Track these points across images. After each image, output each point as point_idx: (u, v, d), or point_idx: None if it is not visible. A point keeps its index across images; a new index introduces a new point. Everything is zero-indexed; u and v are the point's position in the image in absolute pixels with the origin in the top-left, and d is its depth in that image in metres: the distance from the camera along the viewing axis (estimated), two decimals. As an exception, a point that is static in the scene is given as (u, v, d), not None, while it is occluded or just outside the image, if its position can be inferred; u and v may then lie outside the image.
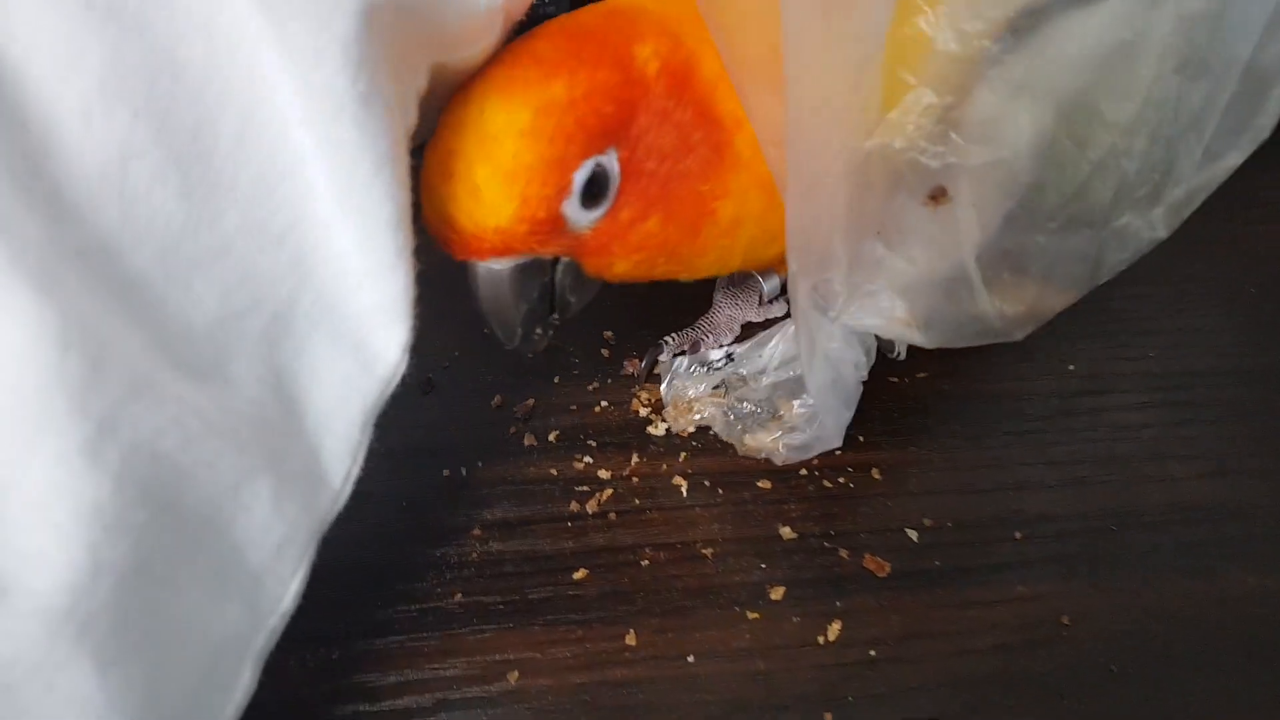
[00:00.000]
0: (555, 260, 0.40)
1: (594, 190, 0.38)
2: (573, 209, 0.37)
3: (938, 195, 0.38)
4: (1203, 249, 0.57)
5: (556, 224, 0.37)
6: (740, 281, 0.53)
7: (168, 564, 0.30)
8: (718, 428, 0.47)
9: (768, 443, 0.46)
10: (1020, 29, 0.36)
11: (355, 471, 0.36)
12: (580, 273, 0.41)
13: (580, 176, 0.37)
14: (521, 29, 0.40)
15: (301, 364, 0.34)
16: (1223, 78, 0.39)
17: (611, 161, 0.38)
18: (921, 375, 0.51)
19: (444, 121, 0.37)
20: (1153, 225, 0.42)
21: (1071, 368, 0.51)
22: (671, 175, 0.39)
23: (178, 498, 0.30)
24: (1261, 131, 0.42)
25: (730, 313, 0.52)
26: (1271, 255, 0.57)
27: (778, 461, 0.46)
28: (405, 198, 0.34)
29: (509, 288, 0.39)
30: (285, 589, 0.34)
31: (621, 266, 0.41)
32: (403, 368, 0.36)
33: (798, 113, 0.36)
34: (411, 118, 0.36)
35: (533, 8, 0.57)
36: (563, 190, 0.36)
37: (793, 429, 0.45)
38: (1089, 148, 0.38)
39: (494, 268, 0.38)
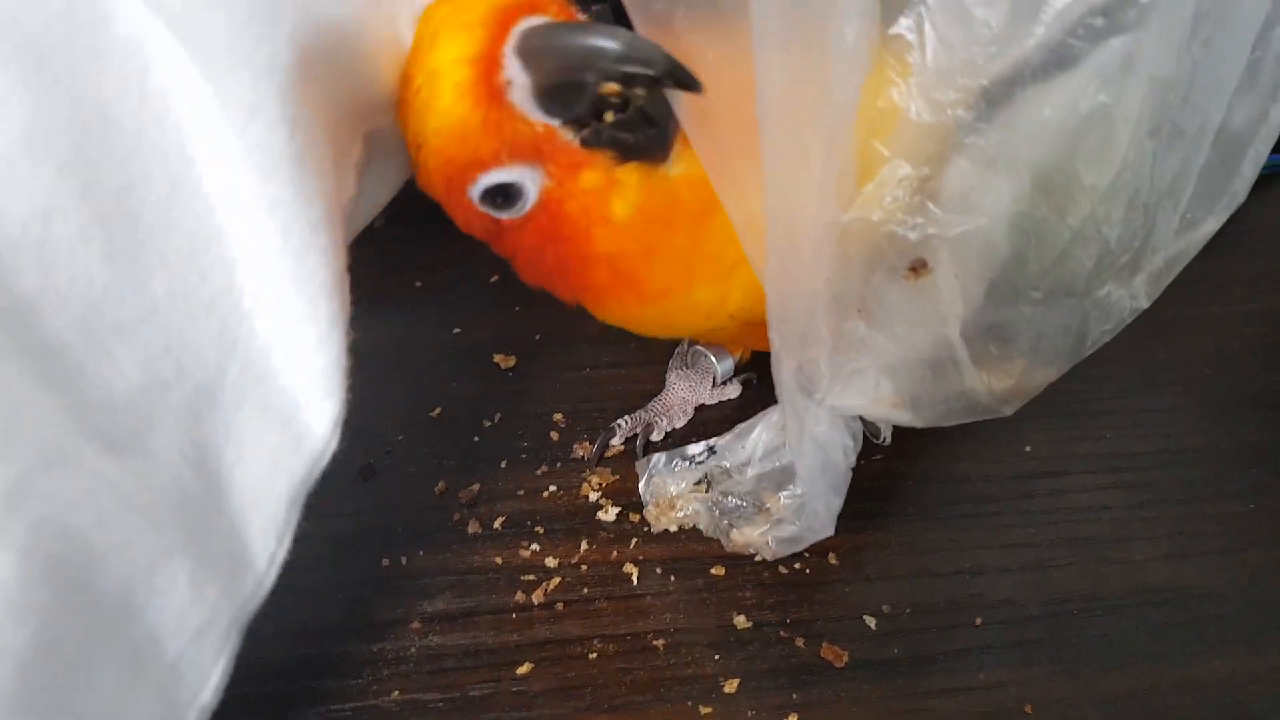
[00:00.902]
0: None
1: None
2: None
3: (918, 267, 0.38)
4: (1159, 331, 0.57)
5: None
6: (693, 363, 0.52)
7: (76, 650, 0.28)
8: (702, 524, 0.46)
9: (755, 537, 0.44)
10: (993, 98, 0.36)
11: (281, 554, 0.34)
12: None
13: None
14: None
15: (227, 438, 0.32)
16: (1196, 143, 0.39)
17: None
18: (878, 458, 0.50)
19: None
20: (1134, 295, 0.42)
21: (1029, 449, 0.50)
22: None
23: (88, 578, 0.28)
24: (1236, 197, 0.42)
25: (683, 394, 0.51)
26: (1226, 335, 0.57)
27: (767, 556, 0.44)
28: (340, 266, 0.33)
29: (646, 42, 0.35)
30: (204, 681, 0.32)
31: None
32: (334, 444, 0.34)
33: (774, 184, 0.35)
34: (349, 187, 0.36)
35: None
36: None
37: (780, 521, 0.44)
38: (1068, 214, 0.38)
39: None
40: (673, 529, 0.46)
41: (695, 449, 0.46)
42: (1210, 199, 0.40)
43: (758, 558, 0.45)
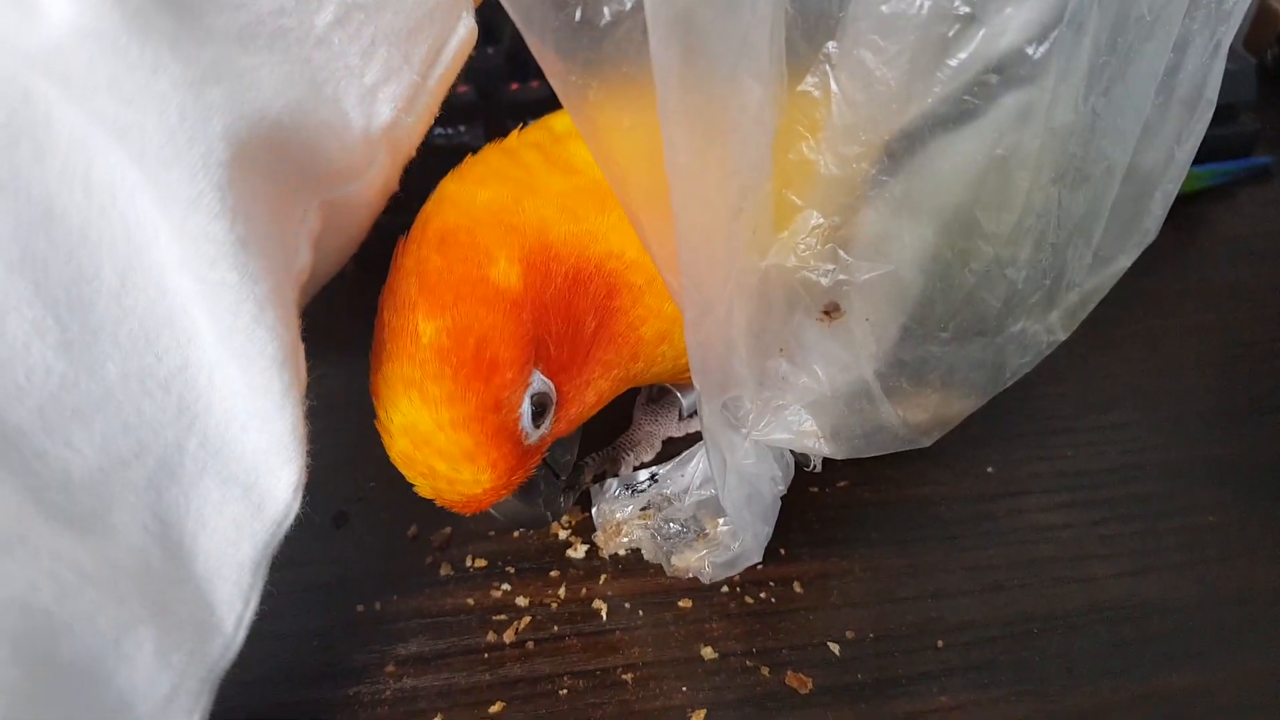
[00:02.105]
0: None
1: (540, 410, 0.39)
2: (532, 436, 0.39)
3: (831, 311, 0.39)
4: (1112, 346, 0.58)
5: (526, 455, 0.39)
6: (659, 398, 0.53)
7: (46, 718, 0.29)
8: (645, 550, 0.47)
9: (694, 561, 0.45)
10: (896, 152, 0.37)
11: (249, 615, 0.35)
12: (560, 441, 0.43)
13: (525, 417, 0.38)
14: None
15: (189, 509, 0.34)
16: (1104, 184, 0.41)
17: (539, 382, 0.39)
18: (841, 484, 0.51)
19: (380, 419, 0.39)
20: (1050, 329, 0.43)
21: (990, 470, 0.51)
22: (588, 343, 0.40)
23: (53, 652, 0.29)
24: (1147, 235, 0.43)
25: (650, 429, 0.52)
26: (1183, 349, 0.58)
27: (705, 580, 0.45)
28: (291, 337, 0.34)
29: (517, 503, 0.41)
30: (178, 741, 0.33)
31: (586, 415, 0.43)
32: (295, 508, 0.35)
33: (686, 241, 0.36)
34: (304, 257, 0.37)
35: (442, 136, 0.59)
36: (516, 437, 0.38)
37: (718, 545, 0.45)
38: (972, 259, 0.39)
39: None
40: (621, 553, 0.47)
41: (639, 476, 0.47)
42: (1122, 236, 0.41)
43: (723, 588, 0.46)
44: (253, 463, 0.35)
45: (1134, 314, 0.60)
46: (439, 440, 0.37)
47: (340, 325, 0.57)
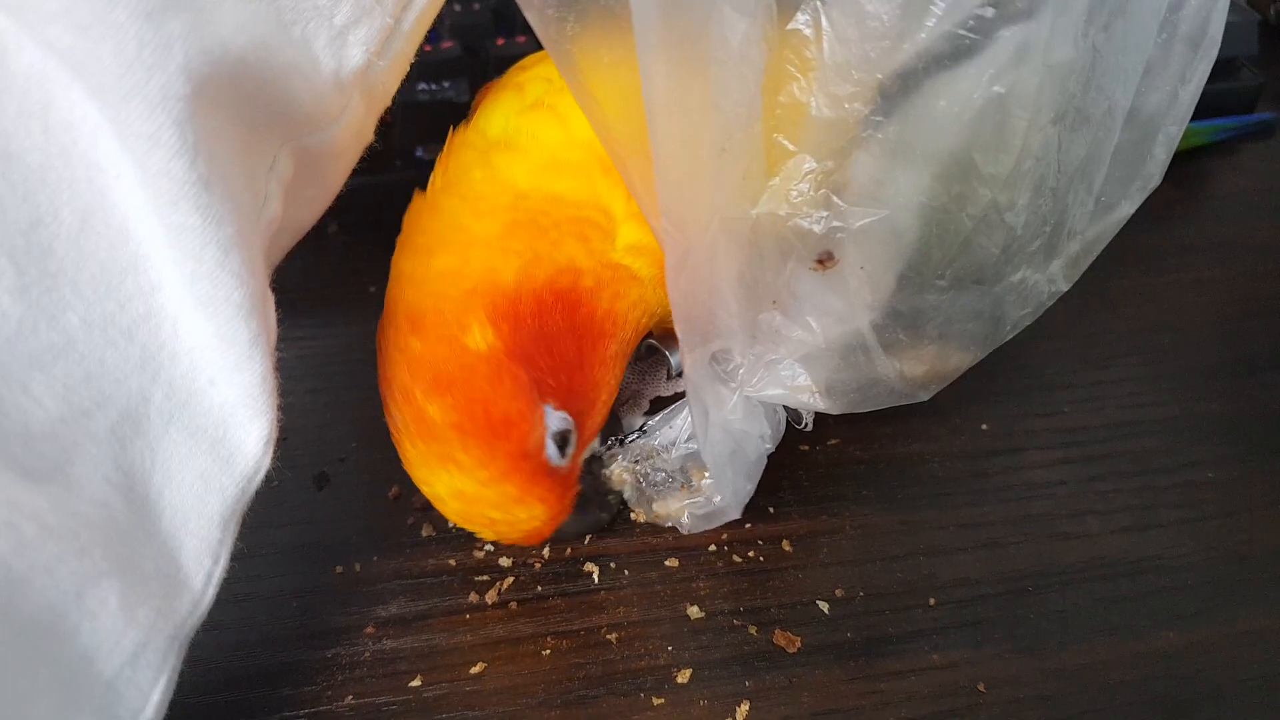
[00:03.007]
0: None
1: (563, 441, 0.40)
2: (563, 461, 0.40)
3: (825, 259, 0.38)
4: (1111, 302, 0.57)
5: (567, 480, 0.41)
6: (647, 356, 0.52)
7: (5, 675, 0.28)
8: (628, 495, 0.46)
9: (674, 509, 0.45)
10: (891, 92, 0.36)
11: (219, 572, 0.34)
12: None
13: (553, 455, 0.40)
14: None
15: (155, 462, 0.33)
16: (1105, 127, 0.39)
17: (556, 420, 0.39)
18: (832, 442, 0.50)
19: (427, 492, 0.40)
20: (1052, 279, 0.42)
21: (984, 427, 0.50)
22: (580, 359, 0.40)
23: (11, 605, 0.28)
24: (1150, 179, 0.42)
25: (637, 388, 0.51)
26: (1184, 305, 0.57)
27: (683, 530, 0.45)
28: (259, 285, 0.33)
29: (573, 517, 0.42)
30: (145, 699, 0.32)
31: (609, 406, 0.43)
32: (266, 463, 0.34)
33: (666, 180, 0.35)
34: (273, 206, 0.36)
35: (427, 91, 0.58)
36: (552, 471, 0.40)
37: (700, 497, 0.44)
38: (969, 204, 0.38)
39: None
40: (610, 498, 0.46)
41: (627, 430, 0.47)
42: (1125, 181, 0.40)
43: (710, 548, 0.45)
44: (221, 416, 0.33)
45: (1134, 270, 0.59)
46: (487, 496, 0.39)
47: (323, 288, 0.57)
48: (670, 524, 0.45)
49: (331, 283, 0.56)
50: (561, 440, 0.40)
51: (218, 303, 0.32)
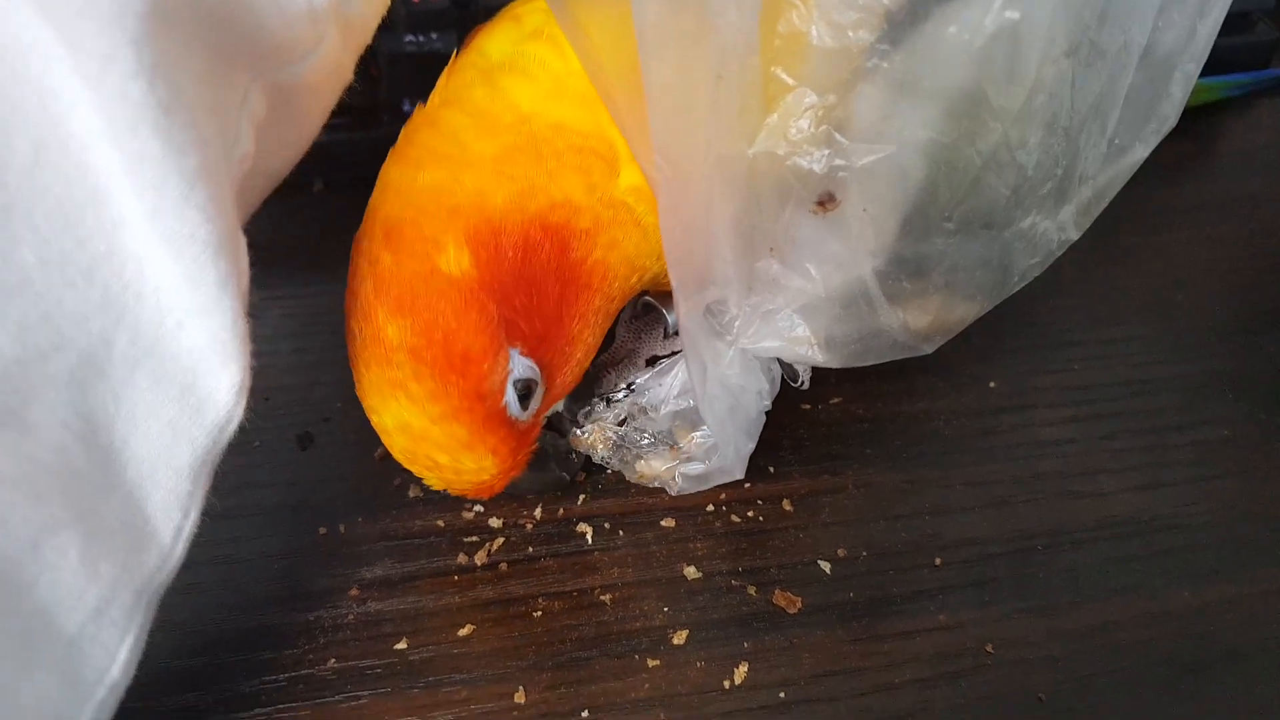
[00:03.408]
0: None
1: (526, 392, 0.37)
2: (524, 416, 0.38)
3: (825, 201, 0.36)
4: (1123, 258, 0.55)
5: (524, 434, 0.38)
6: (643, 314, 0.51)
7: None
8: (603, 456, 0.44)
9: (661, 471, 0.43)
10: (897, 19, 0.34)
11: (189, 527, 0.32)
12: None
13: (513, 404, 0.37)
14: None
15: (119, 410, 0.31)
16: (1120, 64, 0.38)
17: (521, 366, 0.37)
18: (835, 400, 0.48)
19: (375, 422, 0.38)
20: (1062, 227, 0.40)
21: (992, 384, 0.49)
22: (558, 305, 0.38)
23: (-42, 554, 0.27)
24: (1165, 121, 0.40)
25: (633, 346, 0.50)
26: (1195, 261, 0.55)
27: (672, 492, 0.43)
28: (227, 223, 0.31)
29: (531, 475, 0.40)
30: (111, 658, 0.31)
31: (584, 366, 0.41)
32: (239, 413, 0.33)
33: (659, 112, 0.34)
34: (245, 143, 0.34)
35: (414, 43, 0.56)
36: (508, 422, 0.37)
37: (690, 459, 0.42)
38: (979, 140, 0.36)
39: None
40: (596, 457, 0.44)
41: (613, 387, 0.45)
42: (1139, 122, 0.38)
43: (709, 507, 0.44)
44: (190, 362, 0.32)
45: (1145, 226, 0.57)
46: (434, 435, 0.36)
47: (308, 246, 0.55)
48: (657, 485, 0.43)
49: (317, 241, 0.55)
50: (524, 390, 0.37)
51: (183, 239, 0.30)
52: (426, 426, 0.36)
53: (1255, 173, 0.62)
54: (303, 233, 0.54)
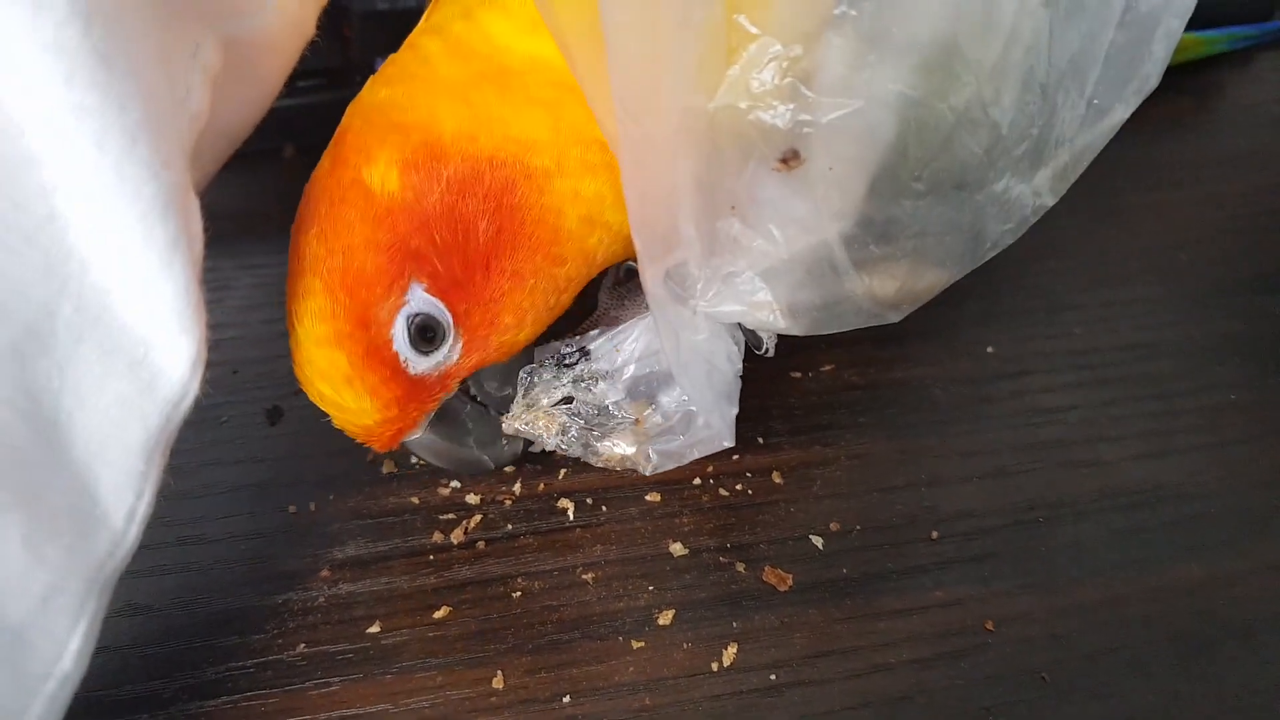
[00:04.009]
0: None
1: (426, 333, 0.35)
2: (418, 364, 0.35)
3: (789, 158, 0.34)
4: (1122, 218, 0.53)
5: (417, 385, 0.36)
6: (626, 279, 0.49)
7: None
8: (562, 437, 0.40)
9: (630, 452, 0.41)
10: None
11: (143, 509, 0.30)
12: (492, 371, 0.39)
13: (400, 340, 0.35)
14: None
15: (64, 383, 0.29)
16: (1100, 19, 0.36)
17: (420, 300, 0.34)
18: (826, 368, 0.46)
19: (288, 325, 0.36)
20: (1038, 192, 0.38)
21: (990, 350, 0.47)
22: (485, 251, 0.35)
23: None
24: (1147, 81, 0.38)
25: (616, 314, 0.48)
26: (1198, 220, 0.54)
27: (645, 472, 0.41)
28: (176, 180, 0.29)
29: (441, 441, 0.39)
30: (61, 648, 0.29)
31: (520, 336, 0.38)
32: (194, 387, 0.31)
33: (619, 59, 0.31)
34: (198, 98, 0.32)
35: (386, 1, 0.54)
36: (394, 363, 0.35)
37: (663, 433, 0.40)
38: (951, 95, 0.34)
39: (414, 437, 0.38)
40: (549, 445, 0.41)
41: (567, 348, 0.42)
42: (1119, 83, 0.36)
43: (695, 481, 0.42)
44: (140, 333, 0.30)
45: (1145, 184, 0.55)
46: (318, 360, 0.35)
47: (278, 214, 0.52)
48: (627, 468, 0.41)
49: (288, 209, 0.52)
50: (421, 329, 0.35)
51: (127, 199, 0.28)
52: (312, 350, 0.34)
53: (1256, 129, 0.61)
54: (274, 200, 0.52)
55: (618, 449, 0.40)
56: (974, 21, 0.33)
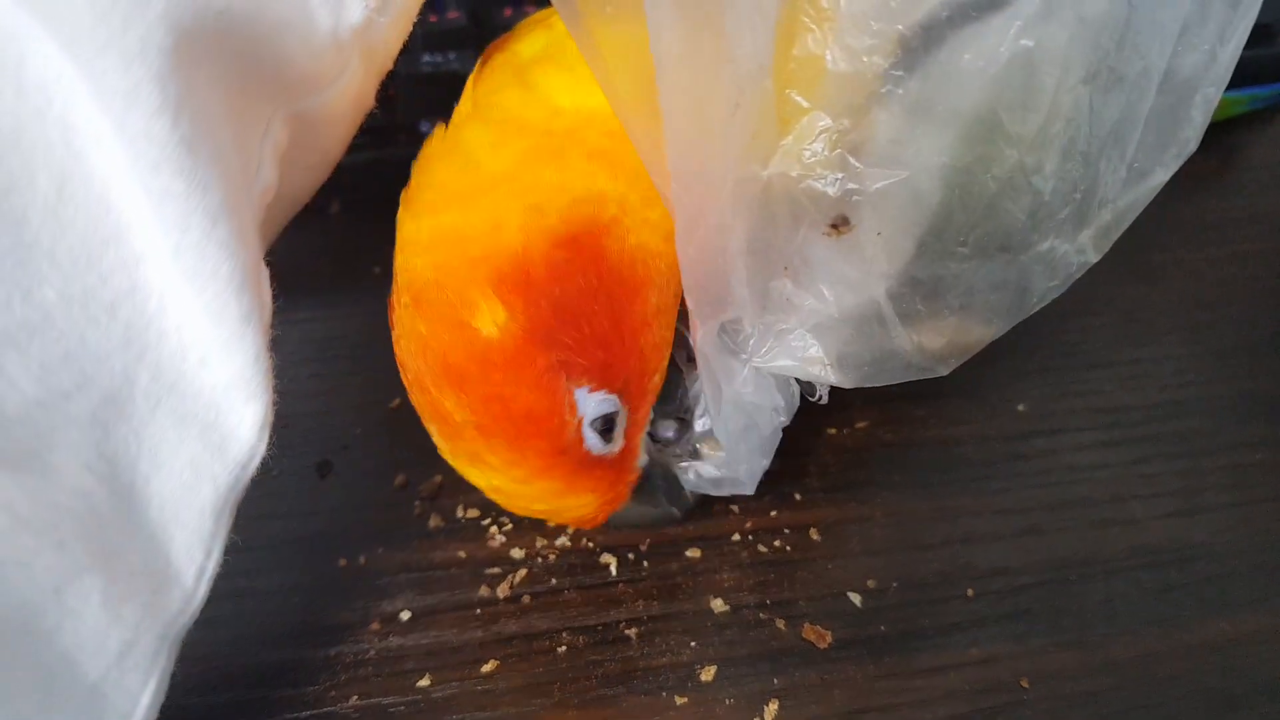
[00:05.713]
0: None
1: (609, 422, 0.36)
2: (615, 445, 0.37)
3: (839, 224, 0.36)
4: (1149, 276, 0.54)
5: (620, 464, 0.38)
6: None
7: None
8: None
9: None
10: (913, 46, 0.34)
11: (212, 567, 0.32)
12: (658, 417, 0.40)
13: (594, 444, 0.36)
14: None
15: (141, 449, 0.30)
16: (1139, 89, 0.37)
17: (594, 404, 0.35)
18: (861, 425, 0.47)
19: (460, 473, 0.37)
20: (1081, 250, 0.39)
21: (1021, 408, 0.48)
22: (613, 321, 0.35)
23: (-17, 605, 0.26)
24: (1186, 145, 0.39)
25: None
26: (1226, 280, 0.55)
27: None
28: (250, 257, 0.31)
29: (637, 505, 0.40)
30: (134, 702, 0.30)
31: (664, 365, 0.38)
32: (261, 449, 0.32)
33: (676, 140, 0.33)
34: (267, 174, 0.34)
35: (431, 63, 0.55)
36: (599, 460, 0.36)
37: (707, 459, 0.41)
38: (994, 165, 0.35)
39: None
40: None
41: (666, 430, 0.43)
42: (1159, 148, 0.37)
43: (734, 537, 0.43)
44: (212, 399, 0.31)
45: (1173, 242, 0.56)
46: (527, 493, 0.36)
47: (325, 268, 0.55)
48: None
49: (334, 263, 0.54)
50: (605, 425, 0.35)
51: (205, 276, 0.29)
52: (518, 489, 0.35)
53: (1279, 187, 0.61)
54: (321, 256, 0.54)
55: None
56: (1014, 99, 0.34)
